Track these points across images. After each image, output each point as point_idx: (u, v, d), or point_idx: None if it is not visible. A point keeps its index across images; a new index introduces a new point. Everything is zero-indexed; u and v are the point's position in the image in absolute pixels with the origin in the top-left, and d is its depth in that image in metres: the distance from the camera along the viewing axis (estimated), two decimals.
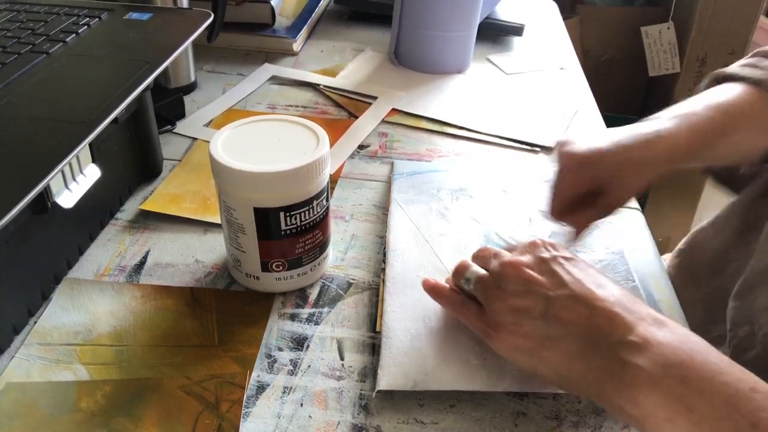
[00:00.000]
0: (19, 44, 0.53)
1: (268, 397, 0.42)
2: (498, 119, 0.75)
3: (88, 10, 0.60)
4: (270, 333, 0.47)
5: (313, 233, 0.47)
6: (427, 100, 0.78)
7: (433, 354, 0.43)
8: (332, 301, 0.50)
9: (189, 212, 0.57)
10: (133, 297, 0.49)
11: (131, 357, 0.44)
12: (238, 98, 0.76)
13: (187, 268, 0.52)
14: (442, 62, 0.84)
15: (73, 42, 0.55)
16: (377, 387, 0.41)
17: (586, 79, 0.87)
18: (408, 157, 0.68)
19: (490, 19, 0.94)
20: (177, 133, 0.69)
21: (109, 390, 0.42)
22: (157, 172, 0.62)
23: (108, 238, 0.54)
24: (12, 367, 0.43)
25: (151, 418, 0.40)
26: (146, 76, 0.50)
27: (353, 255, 0.54)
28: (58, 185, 0.45)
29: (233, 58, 0.87)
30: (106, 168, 0.51)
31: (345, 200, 0.61)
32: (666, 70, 1.69)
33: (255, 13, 0.88)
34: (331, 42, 0.93)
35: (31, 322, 0.46)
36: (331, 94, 0.79)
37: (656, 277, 0.53)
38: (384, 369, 0.42)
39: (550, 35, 1.01)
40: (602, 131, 0.53)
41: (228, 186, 0.45)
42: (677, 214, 1.60)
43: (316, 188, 0.46)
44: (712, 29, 1.60)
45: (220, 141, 0.45)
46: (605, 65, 1.80)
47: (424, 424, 0.41)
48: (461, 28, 0.82)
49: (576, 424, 0.41)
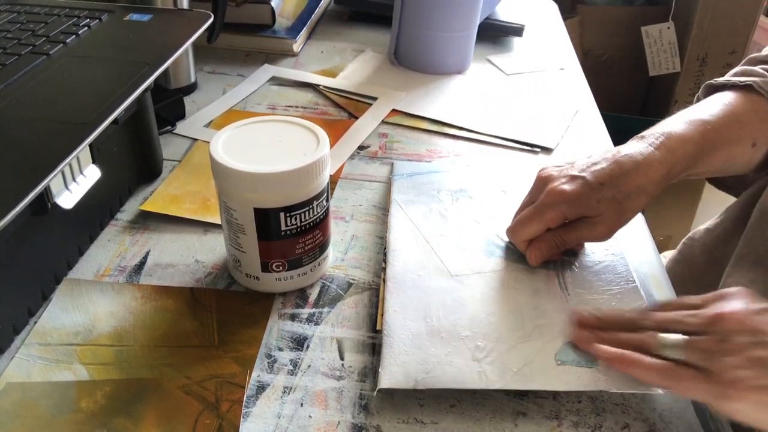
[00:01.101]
0: (19, 45, 0.54)
1: (268, 397, 0.42)
2: (498, 120, 0.75)
3: (88, 12, 0.61)
4: (270, 333, 0.47)
5: (314, 234, 0.47)
6: (427, 101, 0.78)
7: (434, 353, 0.43)
8: (332, 301, 0.50)
9: (189, 213, 0.57)
10: (133, 297, 0.49)
11: (131, 357, 0.44)
12: (239, 99, 0.77)
13: (187, 269, 0.52)
14: (442, 63, 0.84)
15: (74, 43, 0.55)
16: (378, 386, 0.41)
17: (586, 79, 0.87)
18: (408, 157, 0.68)
19: (490, 19, 0.94)
20: (177, 134, 0.69)
21: (109, 390, 0.42)
22: (157, 172, 0.62)
23: (108, 238, 0.54)
24: (12, 367, 0.43)
25: (151, 418, 0.40)
26: (146, 77, 0.50)
27: (353, 255, 0.54)
28: (58, 186, 0.45)
29: (233, 59, 0.87)
30: (106, 169, 0.51)
31: (345, 201, 0.61)
32: (666, 69, 1.69)
33: (255, 13, 0.89)
34: (331, 43, 0.93)
35: (31, 322, 0.46)
36: (331, 94, 0.79)
37: (656, 277, 0.54)
38: (385, 368, 0.42)
39: (550, 35, 1.01)
40: (583, 154, 0.53)
41: (228, 186, 0.45)
42: (677, 214, 1.60)
43: (317, 189, 0.46)
44: (712, 29, 1.60)
45: (220, 142, 0.46)
46: (605, 65, 1.80)
47: (424, 424, 0.41)
48: (461, 28, 0.82)
49: (576, 424, 0.42)
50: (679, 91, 1.69)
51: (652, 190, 0.49)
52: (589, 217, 0.49)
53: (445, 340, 0.44)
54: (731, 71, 0.58)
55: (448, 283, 0.49)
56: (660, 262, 0.55)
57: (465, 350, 0.44)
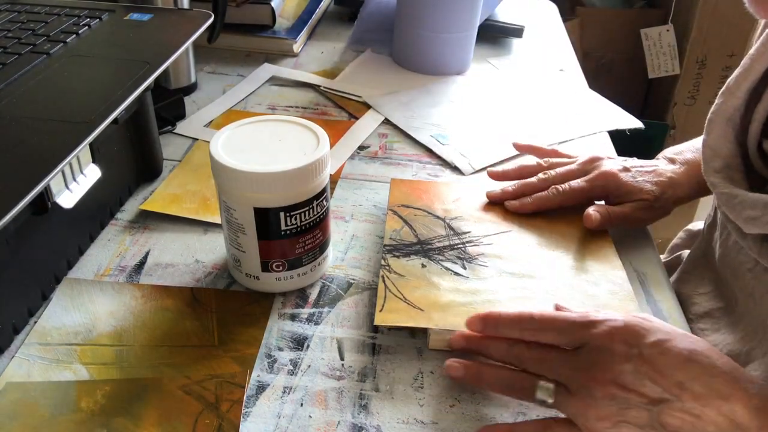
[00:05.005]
0: (19, 45, 0.54)
1: (268, 397, 0.42)
2: (497, 121, 0.75)
3: (88, 11, 0.61)
4: (270, 333, 0.47)
5: (313, 233, 0.47)
6: (427, 102, 0.78)
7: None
8: (332, 301, 0.50)
9: (189, 212, 0.57)
10: (133, 297, 0.49)
11: (131, 357, 0.44)
12: (238, 99, 0.77)
13: (187, 268, 0.52)
14: (442, 64, 0.84)
15: (74, 42, 0.55)
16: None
17: (585, 81, 0.87)
18: (408, 158, 0.68)
19: (490, 20, 0.94)
20: (177, 134, 0.69)
21: (109, 390, 0.42)
22: (157, 172, 0.62)
23: (108, 238, 0.54)
24: (12, 367, 0.43)
25: (151, 418, 0.40)
26: (147, 76, 0.50)
27: (353, 255, 0.54)
28: (58, 185, 0.45)
29: (234, 59, 0.87)
30: (107, 168, 0.51)
31: (345, 201, 0.61)
32: (666, 72, 1.69)
33: (255, 14, 0.89)
34: (332, 43, 0.93)
35: (31, 322, 0.46)
36: (331, 95, 0.79)
37: (656, 277, 0.54)
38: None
39: (549, 37, 1.01)
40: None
41: (228, 186, 0.45)
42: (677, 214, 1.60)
43: (317, 188, 0.46)
44: (711, 31, 1.60)
45: (220, 141, 0.46)
46: (605, 67, 1.80)
47: (424, 424, 0.41)
48: (461, 29, 0.82)
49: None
50: (678, 93, 1.69)
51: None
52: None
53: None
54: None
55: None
56: (660, 262, 0.55)
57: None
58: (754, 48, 0.47)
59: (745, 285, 0.48)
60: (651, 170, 0.57)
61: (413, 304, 0.47)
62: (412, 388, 0.43)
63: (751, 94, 0.47)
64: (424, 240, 0.53)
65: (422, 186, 0.60)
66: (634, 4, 1.80)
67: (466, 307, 0.47)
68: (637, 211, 0.55)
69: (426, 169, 0.66)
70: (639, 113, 1.90)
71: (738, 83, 0.47)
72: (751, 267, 0.47)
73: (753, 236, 0.45)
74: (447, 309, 0.47)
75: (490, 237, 0.54)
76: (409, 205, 0.57)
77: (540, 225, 0.55)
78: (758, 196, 0.44)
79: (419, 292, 0.48)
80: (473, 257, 0.52)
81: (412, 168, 0.66)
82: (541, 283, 0.49)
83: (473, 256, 0.52)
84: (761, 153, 0.47)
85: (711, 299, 0.53)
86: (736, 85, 0.47)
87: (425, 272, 0.50)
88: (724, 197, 0.46)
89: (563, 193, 0.55)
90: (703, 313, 0.53)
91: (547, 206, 0.56)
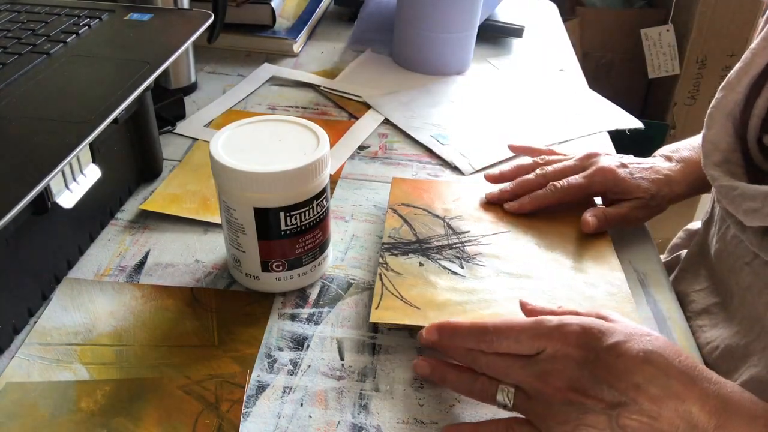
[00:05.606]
0: (19, 45, 0.54)
1: (268, 397, 0.42)
2: (497, 121, 0.75)
3: (88, 11, 0.61)
4: (270, 333, 0.47)
5: (313, 233, 0.47)
6: (427, 102, 0.78)
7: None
8: (332, 301, 0.50)
9: (189, 212, 0.57)
10: (133, 297, 0.49)
11: (131, 357, 0.44)
12: (238, 99, 0.77)
13: (187, 268, 0.52)
14: (441, 64, 0.84)
15: (74, 42, 0.55)
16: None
17: (585, 81, 0.87)
18: (408, 158, 0.68)
19: (490, 20, 0.94)
20: (177, 134, 0.69)
21: (109, 390, 0.42)
22: (157, 172, 0.62)
23: (108, 238, 0.54)
24: (12, 367, 0.43)
25: (151, 418, 0.40)
26: (147, 76, 0.50)
27: (353, 255, 0.54)
28: (58, 185, 0.45)
29: (234, 59, 0.87)
30: (107, 168, 0.51)
31: (345, 201, 0.61)
32: (666, 72, 1.69)
33: (255, 14, 0.89)
34: (332, 43, 0.93)
35: (31, 322, 0.46)
36: (331, 95, 0.79)
37: (656, 276, 0.54)
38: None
39: (549, 37, 1.01)
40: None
41: (228, 186, 0.45)
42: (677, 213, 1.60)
43: (317, 188, 0.46)
44: (711, 31, 1.60)
45: (220, 141, 0.45)
46: (605, 67, 1.80)
47: (424, 424, 0.41)
48: (461, 29, 0.82)
49: None
50: (678, 93, 1.69)
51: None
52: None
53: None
54: None
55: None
56: (660, 262, 0.55)
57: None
58: (755, 42, 0.47)
59: (741, 279, 0.48)
60: (648, 167, 0.57)
61: (409, 302, 0.47)
62: (412, 388, 0.43)
63: (751, 89, 0.47)
64: (422, 239, 0.53)
65: (423, 185, 0.60)
66: (634, 4, 1.79)
67: (462, 306, 0.47)
68: (634, 211, 0.55)
69: (426, 169, 0.66)
70: (639, 113, 1.90)
71: (739, 77, 0.47)
72: (749, 261, 0.47)
73: (753, 229, 0.45)
74: (443, 308, 0.47)
75: (488, 237, 0.54)
76: (409, 204, 0.57)
77: (539, 225, 0.55)
78: (758, 187, 0.44)
79: (416, 290, 0.48)
80: (471, 257, 0.52)
81: (412, 168, 0.66)
82: (539, 284, 0.49)
83: (471, 255, 0.52)
84: (761, 147, 0.47)
85: (708, 295, 0.53)
86: (736, 80, 0.47)
87: (422, 271, 0.50)
88: (723, 190, 0.46)
89: (561, 189, 0.55)
90: (700, 309, 0.53)
91: (546, 204, 0.56)
